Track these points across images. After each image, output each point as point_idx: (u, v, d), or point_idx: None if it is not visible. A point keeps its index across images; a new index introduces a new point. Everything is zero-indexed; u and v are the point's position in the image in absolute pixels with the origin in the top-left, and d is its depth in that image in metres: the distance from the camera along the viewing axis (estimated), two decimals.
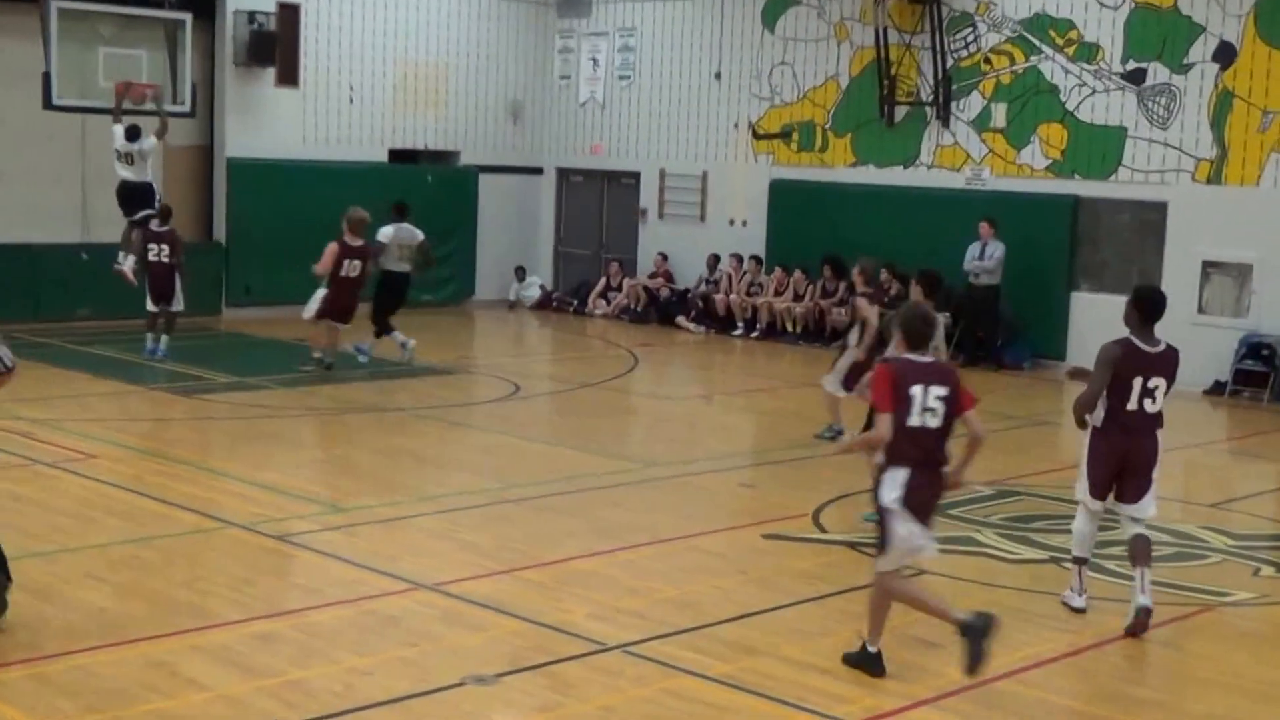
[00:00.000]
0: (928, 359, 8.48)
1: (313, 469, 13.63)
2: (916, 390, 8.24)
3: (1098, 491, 9.68)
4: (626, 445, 15.70)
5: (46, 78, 19.59)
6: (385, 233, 19.31)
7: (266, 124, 24.18)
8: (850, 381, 13.80)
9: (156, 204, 19.25)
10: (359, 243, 18.48)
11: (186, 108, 20.87)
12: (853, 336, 14.61)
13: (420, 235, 19.57)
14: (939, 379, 8.35)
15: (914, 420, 8.25)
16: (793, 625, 9.42)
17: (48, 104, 19.81)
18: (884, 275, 15.88)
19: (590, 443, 15.29)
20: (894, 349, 9.27)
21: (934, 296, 11.73)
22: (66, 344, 20.26)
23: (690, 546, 11.27)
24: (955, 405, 8.35)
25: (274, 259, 22.08)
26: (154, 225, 19.02)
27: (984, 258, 21.36)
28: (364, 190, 23.26)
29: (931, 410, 8.27)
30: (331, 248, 18.27)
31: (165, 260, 18.94)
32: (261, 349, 21.19)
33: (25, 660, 8.21)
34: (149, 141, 19.22)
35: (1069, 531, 11.82)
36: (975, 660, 8.06)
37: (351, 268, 18.38)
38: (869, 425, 9.80)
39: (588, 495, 12.69)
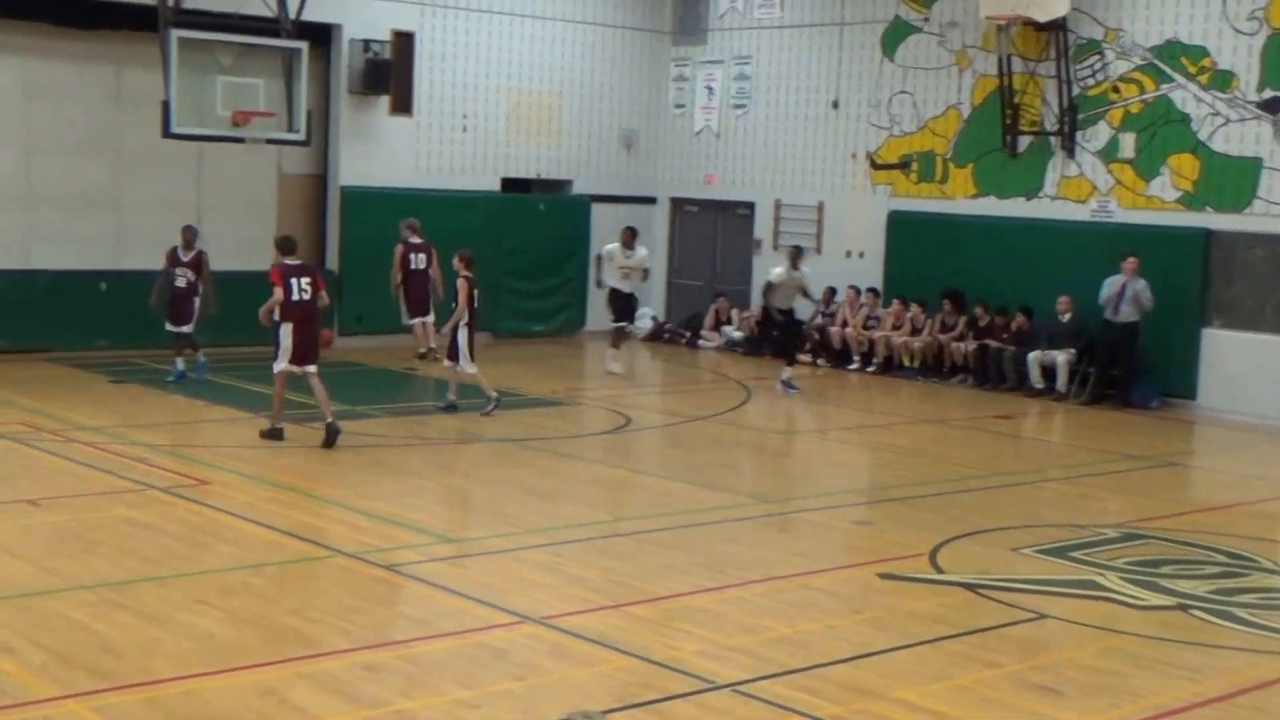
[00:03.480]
0: (298, 262, 15.42)
1: (421, 499, 13.55)
2: (294, 280, 15.07)
3: None
4: (739, 480, 15.48)
5: (166, 106, 19.84)
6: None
7: (380, 152, 24.24)
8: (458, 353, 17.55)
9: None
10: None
11: (301, 136, 20.98)
12: (463, 316, 17.40)
13: None
14: (305, 274, 15.28)
15: (295, 296, 15.06)
16: (908, 667, 9.17)
17: (166, 132, 20.07)
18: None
19: (702, 477, 15.06)
20: (275, 260, 15.62)
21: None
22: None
23: (803, 585, 11.04)
24: (316, 287, 15.24)
25: (386, 288, 21.86)
26: (180, 252, 19.47)
27: (1125, 297, 20.53)
28: (476, 219, 23.24)
29: (305, 290, 15.09)
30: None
31: (186, 284, 19.37)
32: (373, 377, 21.19)
33: (139, 684, 8.26)
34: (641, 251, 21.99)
35: (1198, 577, 11.56)
36: (330, 443, 15.27)
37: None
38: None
39: (698, 530, 12.48)
